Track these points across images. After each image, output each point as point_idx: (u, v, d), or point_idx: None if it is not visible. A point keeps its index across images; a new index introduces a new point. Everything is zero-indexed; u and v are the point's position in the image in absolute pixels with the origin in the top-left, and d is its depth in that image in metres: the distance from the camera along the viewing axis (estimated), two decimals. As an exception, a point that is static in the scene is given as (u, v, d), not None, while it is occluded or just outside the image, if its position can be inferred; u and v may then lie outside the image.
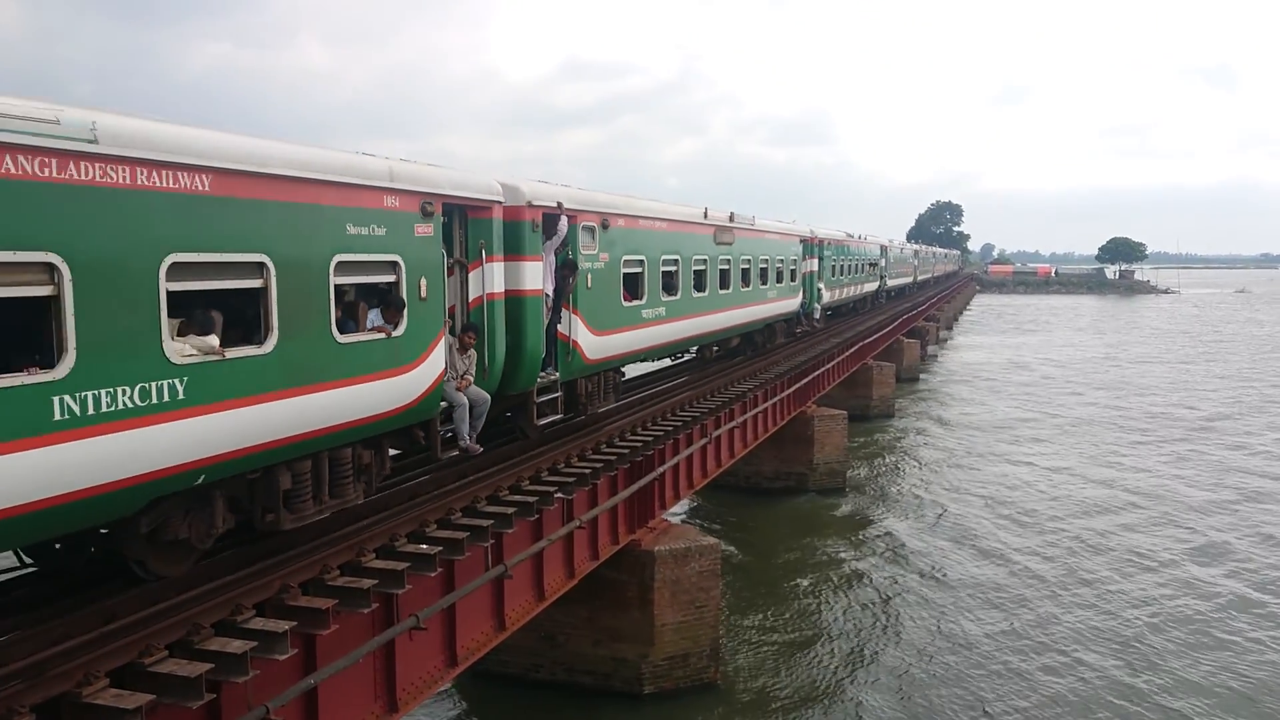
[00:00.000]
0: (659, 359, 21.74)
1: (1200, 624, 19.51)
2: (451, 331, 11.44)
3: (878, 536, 25.71)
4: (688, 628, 16.45)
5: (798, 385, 27.01)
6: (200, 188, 7.45)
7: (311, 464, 9.16)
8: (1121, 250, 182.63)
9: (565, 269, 14.28)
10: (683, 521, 22.81)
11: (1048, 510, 27.85)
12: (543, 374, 13.69)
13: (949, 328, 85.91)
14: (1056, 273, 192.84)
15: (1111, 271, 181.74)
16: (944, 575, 22.42)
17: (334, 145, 9.15)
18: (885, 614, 20.15)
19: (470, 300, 12.03)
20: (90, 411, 6.56)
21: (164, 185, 7.15)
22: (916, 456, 35.68)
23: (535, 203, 13.26)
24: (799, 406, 28.44)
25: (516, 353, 12.87)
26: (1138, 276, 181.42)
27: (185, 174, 7.30)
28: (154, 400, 7.05)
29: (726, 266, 22.44)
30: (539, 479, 12.90)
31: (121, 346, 6.80)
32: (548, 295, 13.76)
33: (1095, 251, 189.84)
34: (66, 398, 6.38)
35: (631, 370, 19.92)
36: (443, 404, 11.11)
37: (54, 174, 6.29)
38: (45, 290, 6.27)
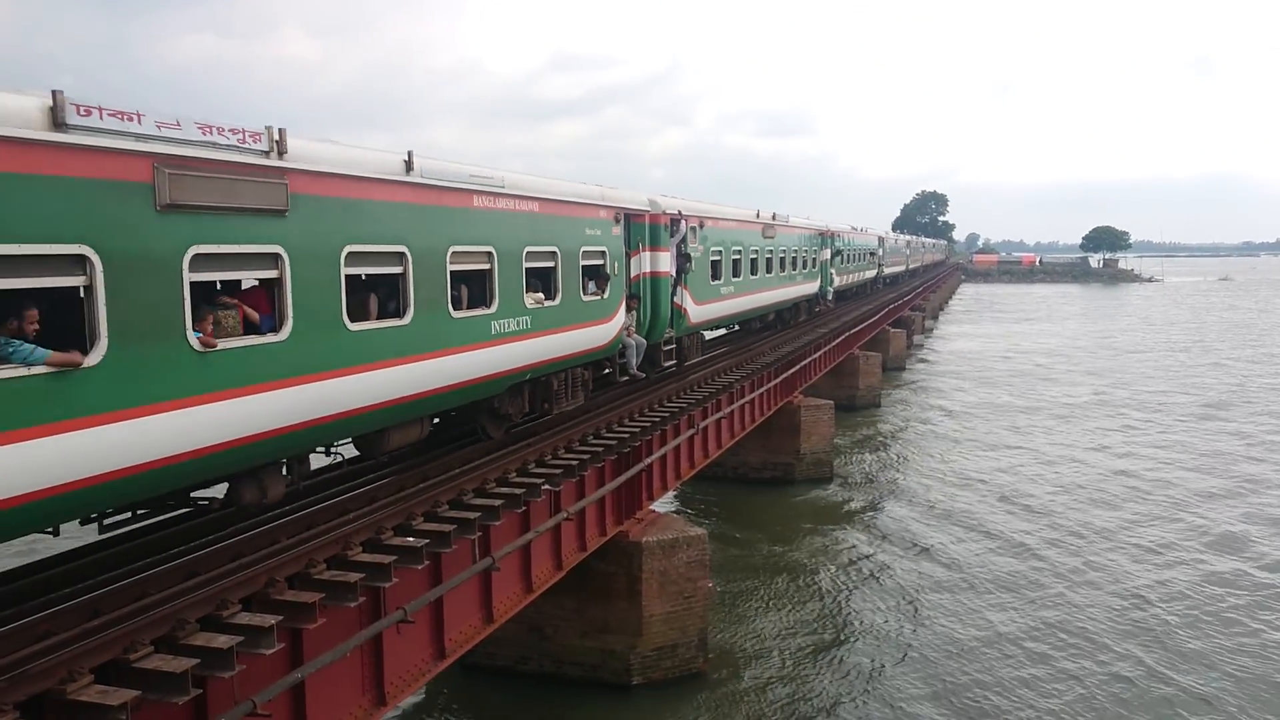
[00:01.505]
0: (726, 327, 28.73)
1: (1202, 604, 19.69)
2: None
3: (864, 525, 25.82)
4: (676, 618, 16.47)
5: (784, 375, 27.06)
6: (534, 209, 13.49)
7: (565, 375, 14.97)
8: (1106, 239, 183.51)
9: (682, 258, 19.64)
10: (671, 513, 22.82)
11: (1035, 496, 28.00)
12: (667, 331, 19.32)
13: (934, 317, 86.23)
14: (1041, 262, 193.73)
15: (1096, 260, 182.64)
16: (930, 562, 22.53)
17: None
18: (871, 602, 20.23)
19: (632, 277, 17.57)
20: (502, 331, 12.47)
21: (522, 209, 13.15)
22: (902, 445, 35.82)
23: (667, 211, 18.97)
24: (786, 397, 28.50)
25: (655, 315, 18.59)
26: (1122, 265, 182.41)
27: (531, 203, 13.34)
28: (521, 328, 12.95)
29: (770, 256, 28.36)
30: (526, 471, 12.87)
31: (511, 296, 12.76)
32: (671, 275, 19.03)
33: (1080, 241, 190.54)
34: (495, 323, 12.31)
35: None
36: (620, 345, 17.01)
37: (493, 205, 12.35)
38: (485, 266, 12.19)
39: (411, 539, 9.87)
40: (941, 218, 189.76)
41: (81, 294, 6.87)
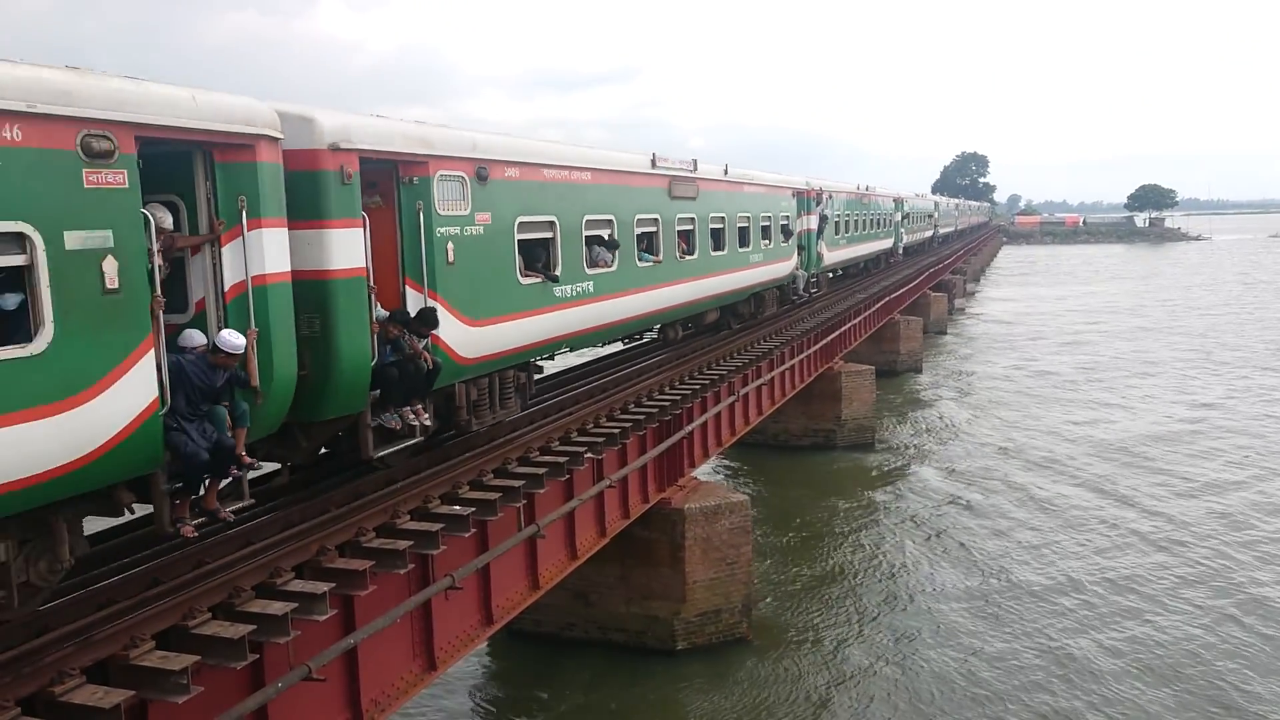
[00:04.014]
0: (839, 271, 37.04)
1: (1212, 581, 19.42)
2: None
3: (908, 491, 25.70)
4: (719, 584, 16.54)
5: (824, 341, 26.89)
6: (762, 190, 23.02)
7: (770, 292, 24.58)
8: (1151, 198, 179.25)
9: (821, 219, 28.68)
10: (713, 479, 22.86)
11: (1081, 460, 27.66)
12: (813, 269, 28.37)
13: (976, 280, 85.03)
14: (1085, 222, 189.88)
15: (1141, 219, 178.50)
16: (974, 528, 22.39)
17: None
18: (916, 568, 20.17)
19: (798, 231, 26.39)
20: (752, 261, 21.88)
21: (758, 190, 22.66)
22: (945, 410, 35.51)
23: (813, 187, 28.10)
24: (825, 363, 28.33)
25: (808, 256, 27.65)
26: (1168, 224, 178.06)
27: (761, 187, 22.94)
28: (758, 260, 22.36)
29: (865, 218, 38.41)
30: (569, 439, 12.95)
31: (756, 241, 22.12)
32: (814, 231, 28.09)
33: (1124, 200, 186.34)
34: (750, 255, 21.70)
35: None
36: (793, 276, 26.05)
37: (751, 189, 22.12)
38: (746, 225, 21.57)
39: (458, 507, 10.00)
40: (982, 179, 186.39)
41: (652, 235, 16.17)
